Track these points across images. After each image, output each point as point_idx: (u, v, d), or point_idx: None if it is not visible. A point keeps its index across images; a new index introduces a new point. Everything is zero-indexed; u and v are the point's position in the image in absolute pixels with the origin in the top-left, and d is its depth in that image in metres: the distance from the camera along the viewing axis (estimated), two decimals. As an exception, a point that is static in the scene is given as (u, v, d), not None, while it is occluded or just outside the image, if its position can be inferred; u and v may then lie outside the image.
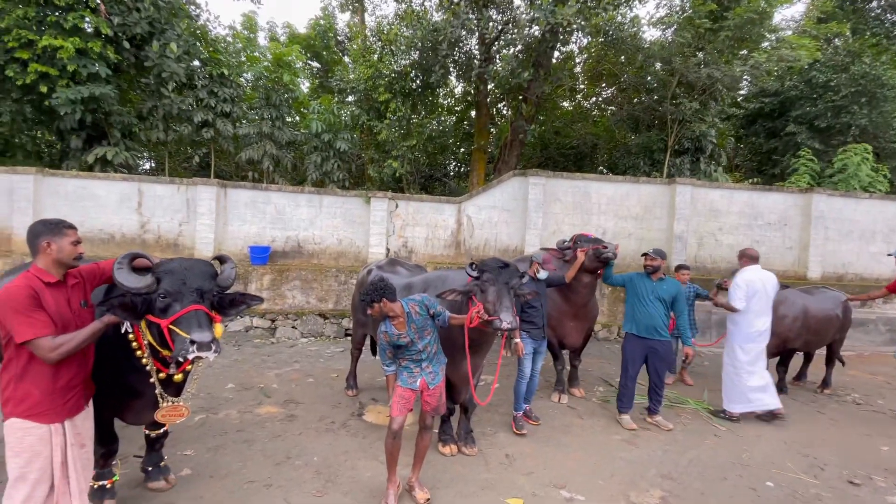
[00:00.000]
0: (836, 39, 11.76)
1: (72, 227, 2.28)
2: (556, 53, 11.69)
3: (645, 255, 4.84)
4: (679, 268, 5.86)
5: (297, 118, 12.79)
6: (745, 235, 9.61)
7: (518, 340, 4.03)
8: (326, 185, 9.89)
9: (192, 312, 2.25)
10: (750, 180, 12.51)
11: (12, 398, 2.10)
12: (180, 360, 2.20)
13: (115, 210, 8.21)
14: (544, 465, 3.84)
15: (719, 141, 11.21)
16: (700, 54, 9.77)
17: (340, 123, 10.19)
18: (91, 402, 2.48)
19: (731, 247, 9.52)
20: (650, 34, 13.39)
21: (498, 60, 10.95)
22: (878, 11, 13.69)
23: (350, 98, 11.32)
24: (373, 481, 3.43)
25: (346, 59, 14.95)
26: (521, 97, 11.05)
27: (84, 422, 2.37)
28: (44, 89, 7.98)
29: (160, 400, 2.60)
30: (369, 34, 12.94)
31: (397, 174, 9.65)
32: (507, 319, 3.08)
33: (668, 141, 10.86)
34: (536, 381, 4.74)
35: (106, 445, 2.87)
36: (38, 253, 2.19)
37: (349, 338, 7.93)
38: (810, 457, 4.23)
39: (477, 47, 11.12)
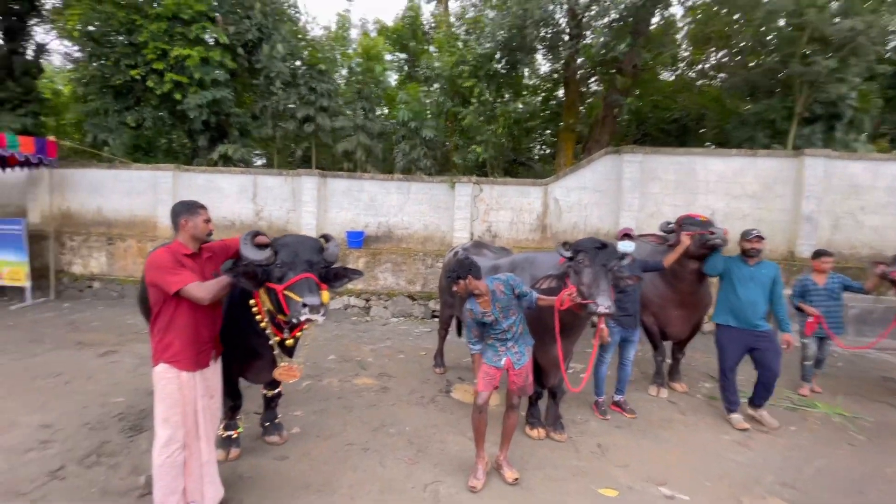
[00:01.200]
0: None
1: (204, 207, 2.67)
2: (656, 19, 10.67)
3: (747, 236, 4.24)
4: (819, 254, 4.94)
5: (386, 110, 13.33)
6: (893, 216, 8.03)
7: (603, 326, 3.81)
8: (413, 172, 10.19)
9: (303, 279, 2.48)
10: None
11: (158, 347, 2.51)
12: (294, 321, 2.45)
13: (236, 200, 9.30)
14: (640, 458, 3.63)
15: (861, 104, 9.38)
16: (835, 3, 8.20)
17: (426, 112, 10.39)
18: (219, 360, 2.86)
19: (875, 229, 8.03)
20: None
21: (590, 33, 10.30)
22: None
23: (435, 86, 11.46)
24: (461, 455, 3.52)
25: (431, 48, 15.16)
26: (615, 69, 10.30)
27: (213, 376, 2.74)
28: (178, 96, 9.24)
29: (277, 360, 2.91)
30: (453, 20, 12.93)
31: (481, 159, 9.60)
32: (603, 304, 2.91)
33: (794, 108, 9.37)
34: (629, 370, 4.48)
35: (233, 400, 3.31)
36: (178, 229, 2.58)
37: (436, 319, 8.18)
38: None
39: (566, 21, 10.56)
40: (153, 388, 2.54)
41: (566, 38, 10.32)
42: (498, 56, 9.93)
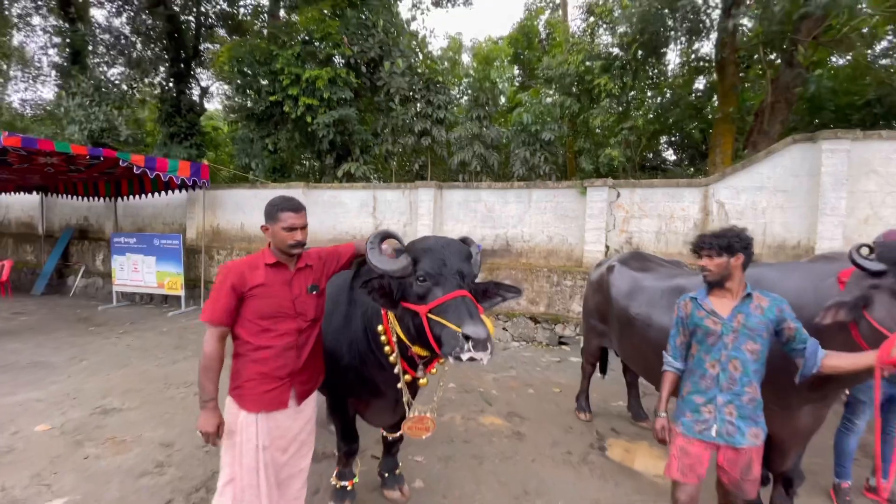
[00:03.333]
0: None
1: (293, 208, 2.03)
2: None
3: None
4: None
5: (500, 124, 12.76)
6: None
7: None
8: (533, 180, 9.28)
9: (458, 299, 1.74)
10: None
11: (231, 374, 2.07)
12: (451, 359, 1.68)
13: (357, 214, 9.36)
14: None
15: None
16: None
17: (547, 113, 9.46)
18: (311, 400, 2.25)
19: None
20: None
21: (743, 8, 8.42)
22: None
23: (554, 87, 10.46)
24: (647, 560, 2.44)
25: (546, 58, 14.32)
26: (791, 41, 8.22)
27: (293, 422, 2.11)
28: (309, 119, 9.70)
29: (407, 409, 2.25)
30: (579, 10, 11.84)
31: (617, 163, 8.29)
32: None
33: None
34: (892, 444, 2.94)
35: (348, 443, 2.71)
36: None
37: (563, 346, 7.05)
38: None
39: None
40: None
41: (716, 15, 8.60)
42: (637, 41, 8.58)
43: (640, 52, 8.69)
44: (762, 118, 8.96)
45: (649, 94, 11.76)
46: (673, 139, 14.82)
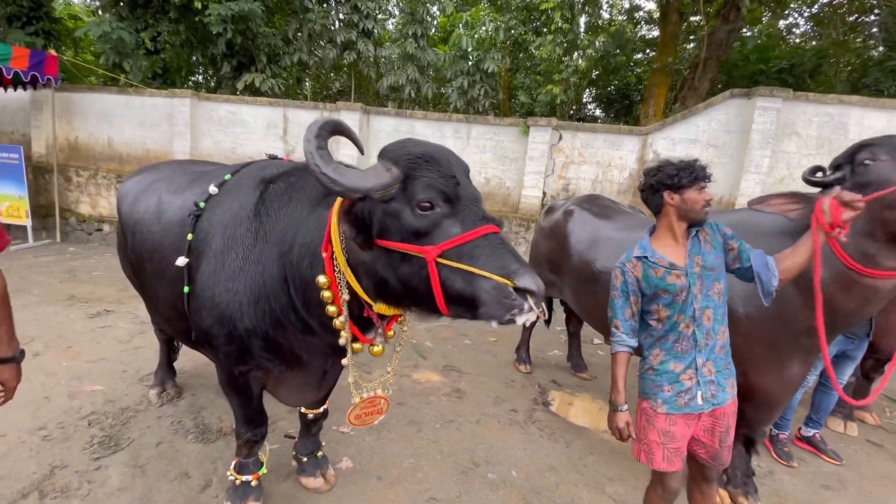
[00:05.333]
0: None
1: None
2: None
3: None
4: None
5: (436, 49, 11.52)
6: None
7: None
8: (470, 113, 8.51)
9: (490, 237, 1.21)
10: None
11: None
12: (497, 324, 1.18)
13: (263, 136, 7.89)
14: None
15: None
16: None
17: (491, 41, 8.56)
18: None
19: None
20: None
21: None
22: None
23: (499, 4, 9.44)
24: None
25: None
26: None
27: None
28: (198, 4, 7.69)
29: (354, 389, 1.67)
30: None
31: (558, 101, 7.82)
32: None
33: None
34: (834, 397, 3.03)
35: (252, 428, 1.98)
36: None
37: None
38: None
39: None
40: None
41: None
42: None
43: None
44: (695, 73, 9.03)
45: (587, 40, 11.35)
46: (601, 92, 14.83)
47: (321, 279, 1.43)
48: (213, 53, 9.01)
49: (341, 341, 1.52)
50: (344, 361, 1.63)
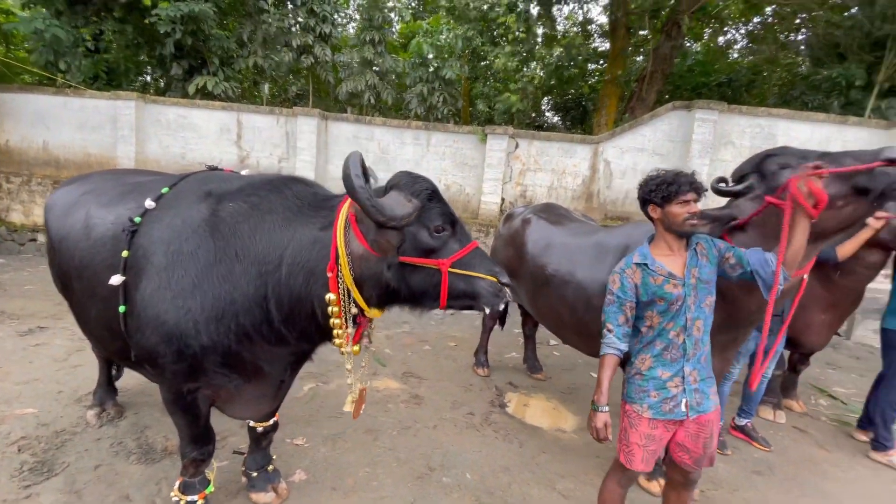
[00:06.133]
0: None
1: None
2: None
3: None
4: None
5: (395, 56, 11.54)
6: None
7: None
8: (430, 121, 8.60)
9: (478, 249, 1.69)
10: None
11: None
12: (488, 310, 1.66)
13: (215, 141, 7.64)
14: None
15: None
16: None
17: (450, 49, 8.69)
18: None
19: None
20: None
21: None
22: None
23: (457, 15, 9.61)
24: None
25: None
26: (673, 13, 8.69)
27: None
28: (147, 2, 7.37)
29: (350, 386, 1.89)
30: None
31: (514, 109, 8.04)
32: None
33: (876, 75, 7.99)
34: (763, 387, 3.28)
35: (199, 447, 1.93)
36: None
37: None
38: None
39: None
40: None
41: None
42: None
43: (535, 1, 8.35)
44: (642, 85, 9.53)
45: (543, 51, 11.72)
46: (558, 101, 15.34)
47: (330, 296, 1.59)
48: (162, 54, 8.64)
49: (345, 348, 1.69)
50: (349, 367, 1.81)
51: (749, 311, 2.11)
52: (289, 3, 8.65)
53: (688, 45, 12.76)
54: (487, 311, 1.65)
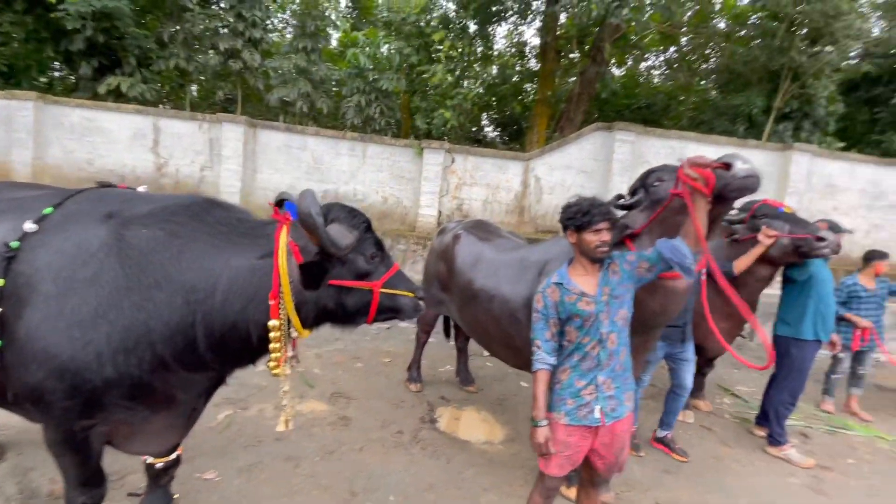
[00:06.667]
0: None
1: None
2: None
3: (838, 230, 3.47)
4: (878, 256, 4.18)
5: (330, 64, 11.35)
6: (863, 218, 8.03)
7: None
8: (367, 133, 8.52)
9: (399, 271, 1.91)
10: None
11: None
12: (408, 321, 2.11)
13: (128, 147, 7.04)
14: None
15: (830, 105, 9.37)
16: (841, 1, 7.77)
17: (386, 62, 8.71)
18: None
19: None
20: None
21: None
22: None
23: (392, 32, 9.69)
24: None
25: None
26: (597, 40, 9.35)
27: None
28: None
29: (284, 407, 1.98)
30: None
31: (449, 125, 8.20)
32: None
33: (773, 101, 9.09)
34: (683, 400, 3.47)
35: (90, 489, 1.75)
36: None
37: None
38: None
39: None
40: None
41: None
42: (472, 10, 8.49)
43: (474, 20, 8.65)
44: (570, 106, 10.11)
45: (477, 67, 12.12)
46: (496, 116, 15.87)
47: (273, 323, 1.65)
48: (69, 51, 7.86)
49: (278, 370, 1.74)
50: (286, 389, 1.92)
51: (654, 313, 2.28)
52: (218, 4, 8.24)
53: (613, 70, 13.81)
54: (408, 321, 1.93)
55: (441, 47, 8.38)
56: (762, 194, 7.02)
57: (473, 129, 14.92)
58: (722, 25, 10.70)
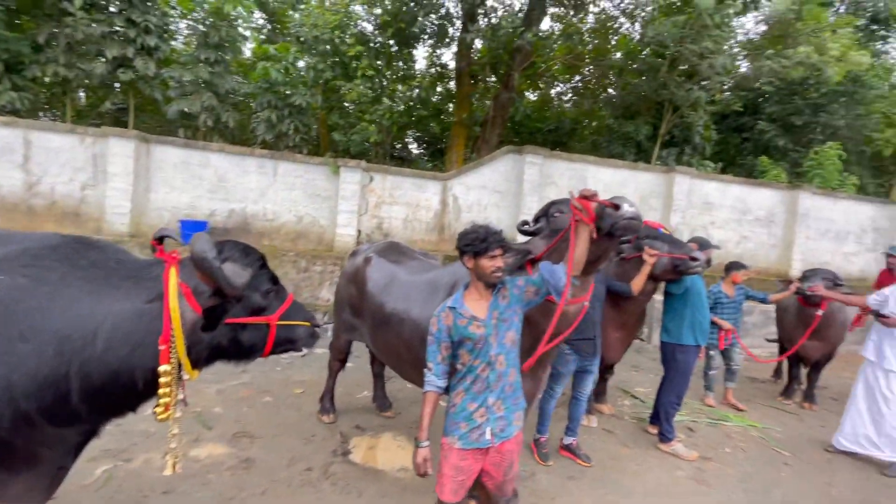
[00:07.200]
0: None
1: None
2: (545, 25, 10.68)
3: (707, 246, 3.98)
4: (737, 267, 4.80)
5: (239, 78, 10.79)
6: (734, 231, 9.26)
7: None
8: (280, 149, 8.17)
9: (295, 301, 1.95)
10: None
11: None
12: (305, 350, 2.06)
13: (-12, 163, 6.08)
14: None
15: (705, 133, 10.80)
16: (708, 42, 9.02)
17: (299, 78, 8.47)
18: None
19: (721, 242, 9.10)
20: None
21: (481, 22, 9.73)
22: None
23: (306, 48, 9.50)
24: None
25: (297, 13, 12.97)
26: (508, 68, 9.93)
27: None
28: None
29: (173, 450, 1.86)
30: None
31: (371, 140, 8.15)
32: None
33: (659, 129, 10.26)
34: (584, 406, 3.69)
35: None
36: None
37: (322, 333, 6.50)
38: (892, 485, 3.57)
39: (458, 9, 9.85)
40: None
41: (457, 21, 9.59)
42: (391, 29, 8.62)
43: (393, 40, 8.77)
44: (486, 128, 10.57)
45: (400, 87, 12.29)
46: (420, 134, 16.11)
47: (164, 368, 1.59)
48: None
49: (164, 416, 1.66)
50: (174, 432, 1.80)
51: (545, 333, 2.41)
52: (107, 8, 7.47)
53: (529, 94, 14.72)
54: (305, 351, 2.00)
55: (358, 63, 8.36)
56: (652, 211, 7.82)
57: (398, 146, 14.99)
58: (619, 58, 11.89)
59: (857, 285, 8.20)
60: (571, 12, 11.28)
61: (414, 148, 17.05)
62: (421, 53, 14.14)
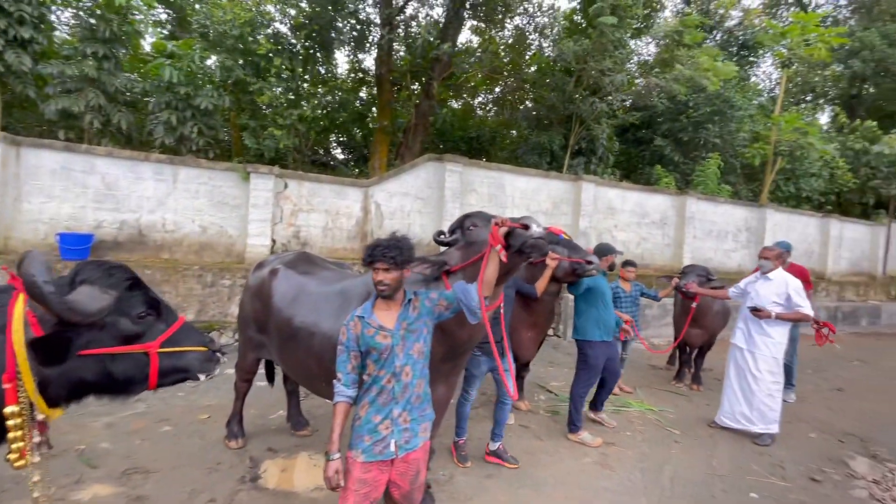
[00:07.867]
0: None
1: None
2: (463, 36, 11.02)
3: (611, 252, 4.34)
4: (627, 264, 5.32)
5: (134, 75, 9.80)
6: (634, 233, 10.18)
7: None
8: (183, 154, 7.53)
9: (185, 325, 1.82)
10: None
11: None
12: (204, 377, 1.83)
13: None
14: (532, 519, 2.93)
15: (609, 145, 11.79)
16: (608, 62, 9.87)
17: (204, 77, 7.88)
18: None
19: (624, 243, 9.97)
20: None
21: (401, 29, 9.80)
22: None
23: (211, 45, 8.87)
24: None
25: (203, 6, 12.08)
26: (428, 77, 10.09)
27: None
28: None
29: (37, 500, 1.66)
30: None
31: (282, 146, 7.80)
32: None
33: (569, 140, 11.01)
34: (508, 409, 3.78)
35: None
36: None
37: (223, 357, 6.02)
38: (765, 455, 4.13)
39: (377, 15, 9.83)
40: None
41: (376, 28, 9.57)
42: (308, 30, 8.34)
43: (309, 42, 8.51)
44: (408, 135, 10.63)
45: (320, 90, 11.94)
46: (341, 139, 15.75)
47: (11, 410, 1.46)
48: None
49: (20, 463, 1.53)
50: (37, 479, 1.61)
51: (463, 341, 2.48)
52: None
53: (452, 103, 15.04)
54: (203, 377, 1.81)
55: (271, 62, 7.97)
56: (563, 216, 8.29)
57: (321, 151, 14.52)
58: (533, 73, 12.58)
59: (735, 278, 9.43)
60: (489, 26, 11.78)
61: (338, 153, 16.65)
62: (342, 58, 13.90)
